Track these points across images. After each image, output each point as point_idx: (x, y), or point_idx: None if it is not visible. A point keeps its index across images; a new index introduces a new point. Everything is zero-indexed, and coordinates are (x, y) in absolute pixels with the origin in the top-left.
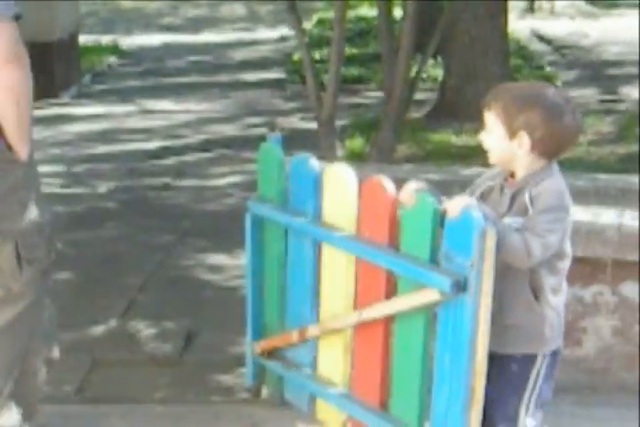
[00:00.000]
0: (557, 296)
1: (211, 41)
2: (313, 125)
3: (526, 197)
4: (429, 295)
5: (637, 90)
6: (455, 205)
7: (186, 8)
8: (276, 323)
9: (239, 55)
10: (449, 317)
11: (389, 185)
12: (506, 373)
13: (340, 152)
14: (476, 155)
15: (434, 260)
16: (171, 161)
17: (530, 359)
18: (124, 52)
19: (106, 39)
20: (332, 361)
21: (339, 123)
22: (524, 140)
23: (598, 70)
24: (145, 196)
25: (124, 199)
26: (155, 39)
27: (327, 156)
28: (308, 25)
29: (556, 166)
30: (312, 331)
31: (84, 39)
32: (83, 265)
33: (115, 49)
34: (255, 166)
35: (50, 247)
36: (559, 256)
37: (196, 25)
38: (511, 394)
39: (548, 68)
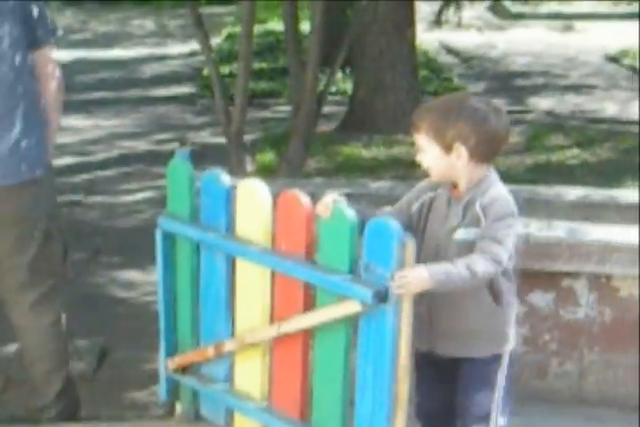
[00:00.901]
0: (512, 295)
1: (121, 56)
2: (224, 140)
3: (477, 207)
4: (350, 307)
5: (544, 100)
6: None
7: (96, 23)
8: (189, 339)
9: (150, 70)
10: (370, 327)
11: (304, 198)
12: (474, 375)
13: (250, 167)
14: (385, 167)
15: (353, 271)
16: (81, 177)
17: (496, 359)
18: None
19: None
20: (250, 375)
21: (249, 137)
22: (461, 151)
23: (506, 81)
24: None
25: None
26: (65, 55)
27: (237, 170)
28: (217, 40)
29: (493, 171)
30: (228, 345)
31: None
32: None
33: None
34: (165, 182)
35: None
36: (509, 258)
37: (106, 40)
38: (482, 395)
39: (457, 80)
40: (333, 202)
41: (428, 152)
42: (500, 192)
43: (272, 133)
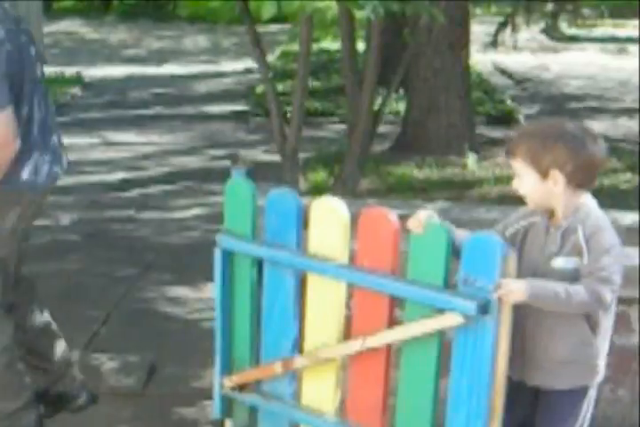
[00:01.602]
0: (609, 326)
1: (174, 73)
2: (275, 158)
3: (580, 237)
4: (450, 320)
5: (598, 124)
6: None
7: (150, 40)
8: (247, 356)
9: (203, 87)
10: (468, 339)
11: (392, 215)
12: (559, 406)
13: (302, 185)
14: (438, 188)
15: (447, 285)
16: (133, 193)
17: (583, 391)
18: (88, 84)
19: (69, 71)
20: (322, 390)
21: (301, 155)
22: (558, 177)
23: (559, 104)
24: (108, 228)
25: (86, 231)
26: (118, 71)
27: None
28: (271, 58)
29: (591, 197)
30: (299, 361)
31: (47, 70)
32: (45, 298)
33: (78, 80)
34: (218, 198)
35: None
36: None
37: (159, 57)
38: (568, 424)
39: (510, 102)
40: (427, 217)
41: (524, 178)
42: (601, 221)
43: (324, 153)
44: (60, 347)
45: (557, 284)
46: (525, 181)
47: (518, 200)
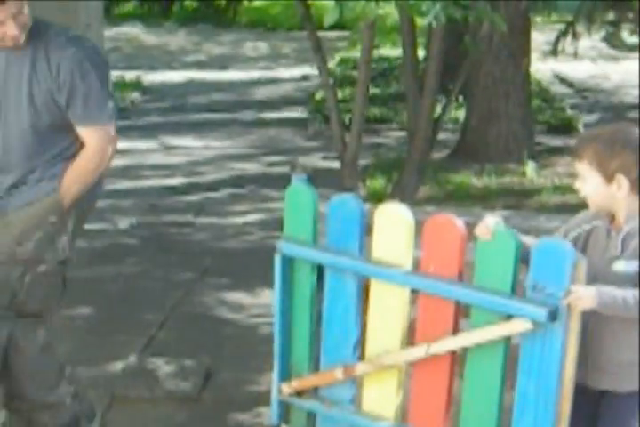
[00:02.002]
0: None
1: (233, 78)
2: (333, 165)
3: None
4: (519, 326)
5: None
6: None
7: (209, 46)
8: (306, 362)
9: (262, 93)
10: (536, 345)
11: (459, 221)
12: (622, 409)
13: (361, 192)
14: (497, 196)
15: (514, 292)
16: (192, 198)
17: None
18: (147, 89)
19: (129, 75)
20: (383, 396)
21: (360, 162)
22: (623, 182)
23: (619, 113)
24: (166, 232)
25: (144, 235)
26: (178, 76)
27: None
28: (330, 64)
29: None
30: (361, 368)
31: None
32: (103, 301)
33: (138, 85)
34: (275, 204)
35: None
36: None
37: (219, 62)
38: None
39: (570, 111)
40: (495, 223)
41: (588, 181)
42: None
43: (383, 159)
44: None
45: (624, 291)
46: (589, 183)
47: (577, 209)
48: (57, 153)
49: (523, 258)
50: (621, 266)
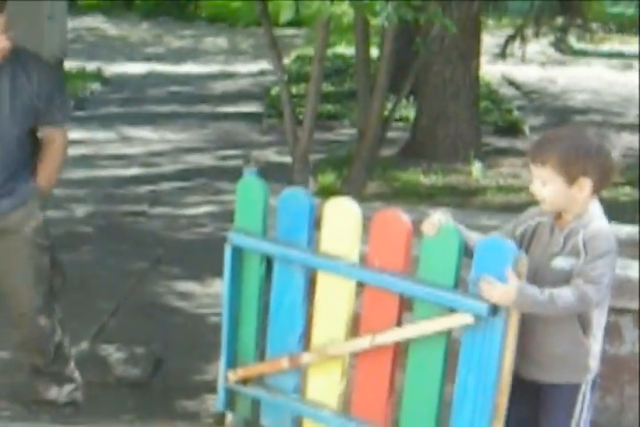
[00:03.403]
0: (601, 330)
1: (192, 72)
2: (286, 159)
3: (580, 240)
4: (460, 319)
5: None
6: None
7: (170, 39)
8: (252, 351)
9: (219, 87)
10: (476, 339)
11: (405, 217)
12: (554, 400)
13: (311, 187)
14: (443, 195)
15: (457, 286)
16: (147, 188)
17: (576, 387)
18: (107, 80)
19: (90, 66)
20: (327, 385)
21: (311, 158)
22: (586, 185)
23: (564, 117)
24: (121, 222)
25: (100, 224)
26: (138, 68)
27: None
28: (286, 60)
29: (597, 203)
30: (306, 357)
31: (68, 65)
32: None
33: (98, 76)
34: (228, 197)
35: None
36: (605, 295)
37: (178, 56)
38: (562, 418)
39: (516, 113)
40: (440, 220)
41: (548, 184)
42: (602, 226)
43: (334, 155)
44: None
45: (544, 290)
46: (550, 186)
47: (520, 208)
48: (31, 155)
49: (468, 253)
50: (559, 263)
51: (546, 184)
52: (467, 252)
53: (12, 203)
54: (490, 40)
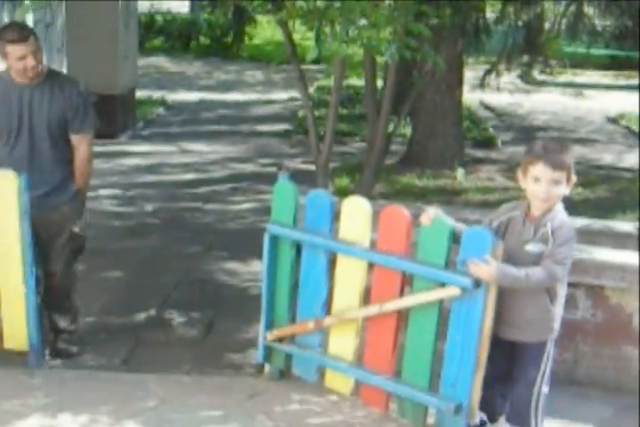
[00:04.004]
0: (563, 298)
1: (236, 99)
2: (310, 167)
3: (549, 229)
4: (450, 291)
5: None
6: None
7: (218, 73)
8: (286, 316)
9: (257, 111)
10: (462, 307)
11: (406, 211)
12: (525, 355)
13: (330, 188)
14: (433, 194)
15: (447, 265)
16: (201, 190)
17: (543, 344)
18: (170, 106)
19: (156, 95)
20: (344, 342)
21: (330, 166)
22: (572, 183)
23: (529, 133)
24: (181, 215)
25: (164, 217)
26: (193, 96)
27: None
28: (310, 90)
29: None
30: (328, 320)
31: (139, 94)
32: (131, 267)
33: (162, 103)
34: (265, 196)
35: None
36: (568, 273)
37: (225, 87)
38: (532, 369)
39: (491, 130)
40: (434, 214)
41: (562, 184)
42: (566, 219)
43: (348, 164)
44: None
45: (520, 269)
46: (562, 186)
47: (494, 205)
48: (65, 158)
49: (455, 239)
50: (531, 247)
51: (559, 184)
52: (455, 238)
53: (61, 200)
54: (470, 74)
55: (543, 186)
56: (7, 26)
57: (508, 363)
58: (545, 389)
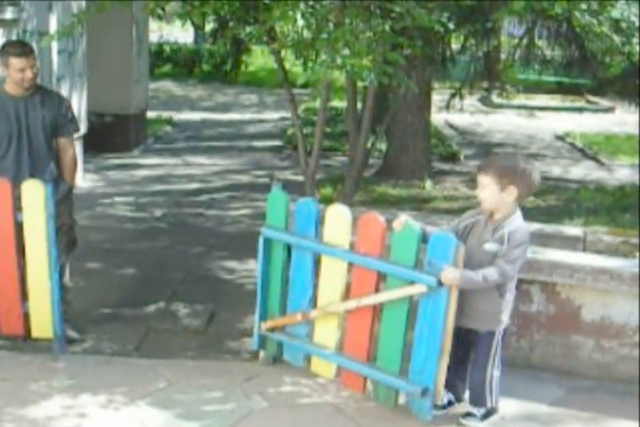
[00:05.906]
0: (512, 293)
1: (233, 119)
2: (300, 178)
3: (505, 232)
4: (418, 289)
5: None
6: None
7: (218, 96)
8: (277, 309)
9: (252, 129)
10: (429, 302)
11: (380, 217)
12: (477, 342)
13: (317, 197)
14: (406, 202)
15: (416, 266)
16: (203, 197)
17: (492, 334)
18: (176, 124)
19: (164, 115)
20: (327, 332)
21: (316, 177)
22: (512, 192)
23: (487, 149)
24: (185, 220)
25: (171, 221)
26: (196, 116)
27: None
28: (299, 111)
29: (519, 210)
30: (313, 313)
31: (150, 114)
32: (143, 265)
33: (169, 121)
34: (260, 203)
35: None
36: (518, 272)
37: (224, 108)
38: (483, 354)
39: (455, 146)
40: (405, 220)
41: (487, 188)
42: (521, 225)
43: (332, 175)
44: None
45: (478, 272)
46: (487, 191)
47: (458, 212)
48: (54, 157)
49: (425, 240)
50: (488, 247)
51: (485, 188)
52: (425, 239)
53: (57, 196)
54: (437, 97)
55: (478, 189)
56: (12, 41)
57: (465, 349)
58: (496, 372)
